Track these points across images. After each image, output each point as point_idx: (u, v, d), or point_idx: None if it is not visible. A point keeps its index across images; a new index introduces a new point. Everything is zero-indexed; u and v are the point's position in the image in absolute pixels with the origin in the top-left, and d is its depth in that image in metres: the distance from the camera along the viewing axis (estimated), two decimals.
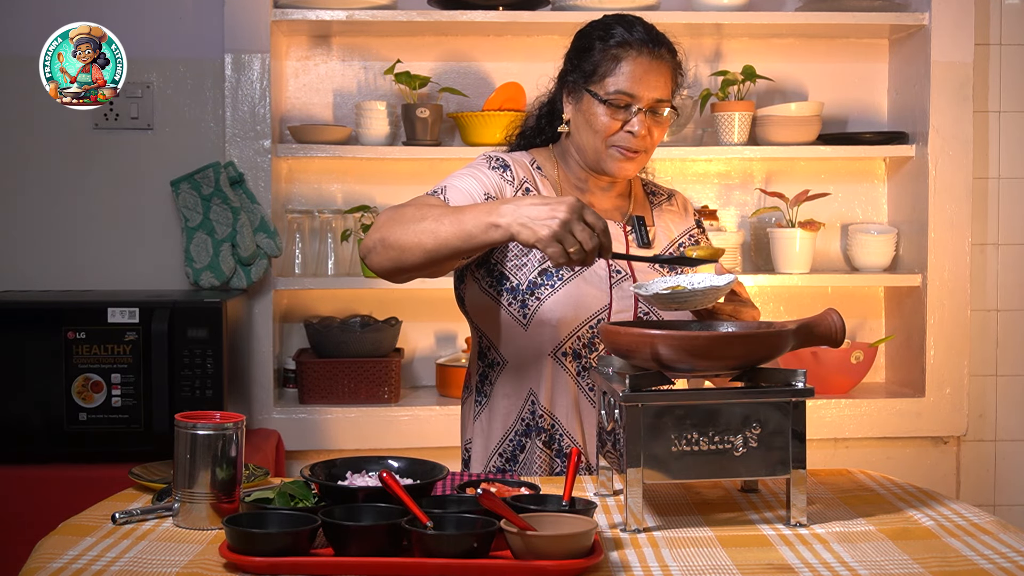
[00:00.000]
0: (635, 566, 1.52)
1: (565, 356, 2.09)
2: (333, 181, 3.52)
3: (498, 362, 2.15)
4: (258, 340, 3.28)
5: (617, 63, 2.08)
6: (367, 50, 3.52)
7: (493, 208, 1.82)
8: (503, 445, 2.14)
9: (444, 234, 1.86)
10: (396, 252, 1.92)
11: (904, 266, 3.52)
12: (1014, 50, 3.59)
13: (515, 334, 2.10)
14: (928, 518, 1.74)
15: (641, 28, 2.11)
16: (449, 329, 3.55)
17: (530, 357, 2.10)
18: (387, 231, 1.93)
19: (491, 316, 2.12)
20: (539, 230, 1.75)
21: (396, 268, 1.95)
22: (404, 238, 1.90)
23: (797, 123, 3.41)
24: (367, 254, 1.98)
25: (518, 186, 2.13)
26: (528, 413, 2.12)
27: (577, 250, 1.75)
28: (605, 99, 2.08)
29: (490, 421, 2.16)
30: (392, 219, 1.95)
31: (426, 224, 1.88)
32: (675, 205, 2.31)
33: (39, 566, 1.51)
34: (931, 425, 3.43)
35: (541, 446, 2.12)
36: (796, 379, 1.72)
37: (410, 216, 1.93)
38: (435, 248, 1.88)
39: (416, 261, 1.91)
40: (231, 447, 1.67)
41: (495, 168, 2.14)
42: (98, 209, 3.39)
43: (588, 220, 1.76)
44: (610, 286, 2.11)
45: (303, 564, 1.48)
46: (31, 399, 2.83)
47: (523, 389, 2.12)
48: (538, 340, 2.09)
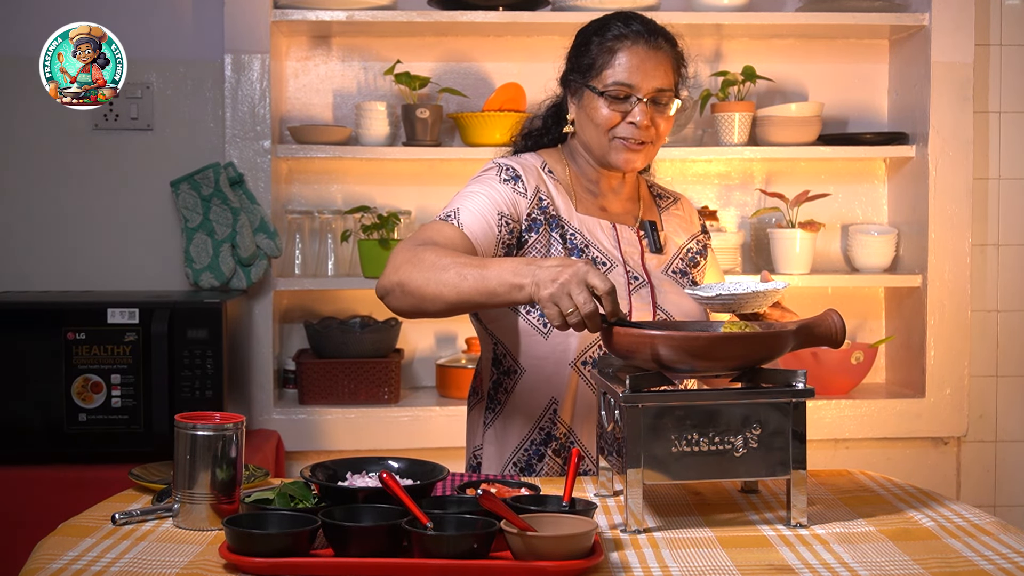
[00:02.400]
0: (635, 567, 1.52)
1: (585, 365, 2.07)
2: (333, 182, 3.52)
3: (515, 370, 2.11)
4: (258, 341, 3.28)
5: (613, 55, 2.07)
6: (367, 50, 3.52)
7: (517, 269, 1.80)
8: (518, 454, 2.12)
9: (467, 290, 1.84)
10: (416, 300, 1.90)
11: (904, 267, 3.52)
12: (1014, 50, 3.59)
13: (534, 343, 2.08)
14: (928, 519, 1.74)
15: (638, 22, 2.11)
16: (449, 330, 3.55)
17: (550, 366, 2.08)
18: (406, 276, 1.90)
19: (508, 324, 2.10)
20: (541, 291, 1.74)
21: (415, 313, 1.94)
22: (426, 289, 1.88)
23: (797, 123, 3.41)
24: (385, 295, 1.96)
25: (531, 197, 2.10)
26: (548, 422, 2.10)
27: (573, 313, 1.71)
28: (604, 91, 2.07)
29: (504, 429, 2.14)
30: (411, 263, 1.91)
31: (448, 276, 1.86)
32: (682, 210, 2.30)
33: (39, 566, 1.51)
34: (931, 426, 3.43)
35: (551, 455, 2.11)
36: (796, 380, 1.72)
37: (431, 263, 1.89)
38: (456, 302, 1.87)
39: (436, 311, 1.91)
40: (231, 448, 1.67)
41: (506, 180, 2.10)
42: (98, 209, 3.39)
43: (591, 283, 1.71)
44: (629, 293, 2.10)
45: (303, 565, 1.48)
46: (31, 400, 2.83)
47: (543, 398, 2.10)
48: (560, 349, 2.06)
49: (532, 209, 2.09)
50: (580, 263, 1.73)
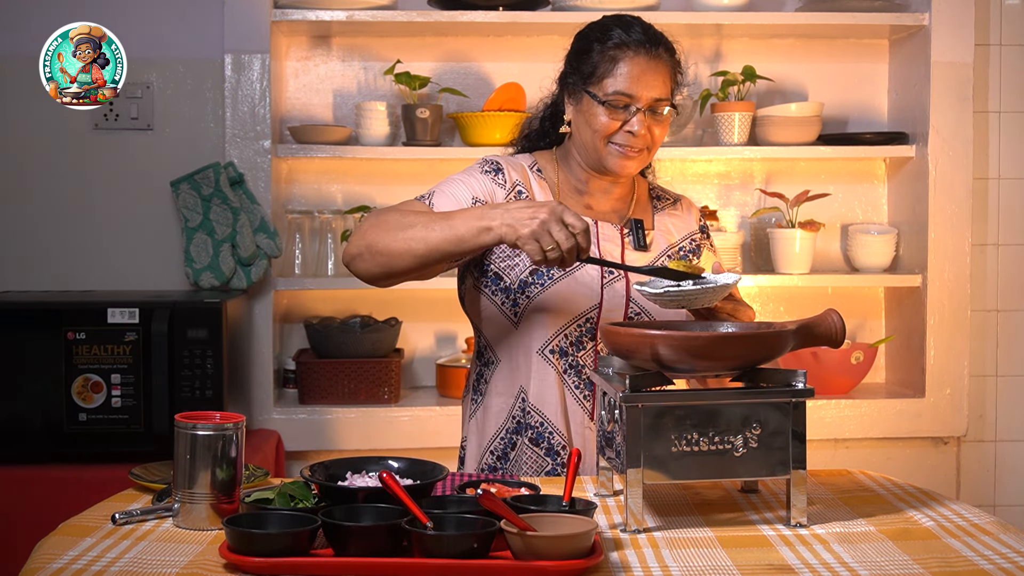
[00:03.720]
0: (635, 566, 1.52)
1: (552, 354, 2.11)
2: (333, 181, 3.52)
3: (493, 360, 2.17)
4: (258, 340, 3.28)
5: (615, 64, 2.09)
6: (367, 50, 3.52)
7: (484, 212, 1.90)
8: (494, 443, 2.16)
9: (435, 239, 1.93)
10: (384, 258, 1.98)
11: (904, 266, 3.52)
12: (1014, 50, 3.59)
13: (507, 332, 2.13)
14: (928, 518, 1.74)
15: (639, 28, 2.12)
16: (449, 329, 3.55)
17: (520, 355, 2.13)
18: (373, 237, 1.98)
19: (487, 315, 2.15)
20: (520, 229, 1.84)
21: (384, 274, 2.01)
22: (393, 244, 1.96)
23: (797, 123, 3.41)
24: (352, 260, 2.03)
25: (510, 189, 2.15)
26: (519, 411, 2.14)
27: (554, 248, 1.83)
28: (604, 100, 2.09)
29: (484, 419, 2.18)
30: (377, 225, 1.99)
31: (415, 231, 1.94)
32: (679, 209, 2.31)
33: (39, 566, 1.51)
34: (931, 425, 3.43)
35: (528, 444, 2.13)
36: (796, 379, 1.72)
37: (396, 223, 1.97)
38: (426, 253, 1.94)
39: (406, 266, 1.98)
40: (231, 447, 1.67)
41: (487, 172, 2.16)
42: (98, 209, 3.39)
43: (567, 221, 1.84)
44: (601, 286, 2.12)
45: (303, 564, 1.48)
46: (31, 399, 2.83)
47: (514, 387, 2.14)
48: (527, 338, 2.11)
49: (509, 200, 2.12)
50: (553, 203, 1.86)
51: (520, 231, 1.84)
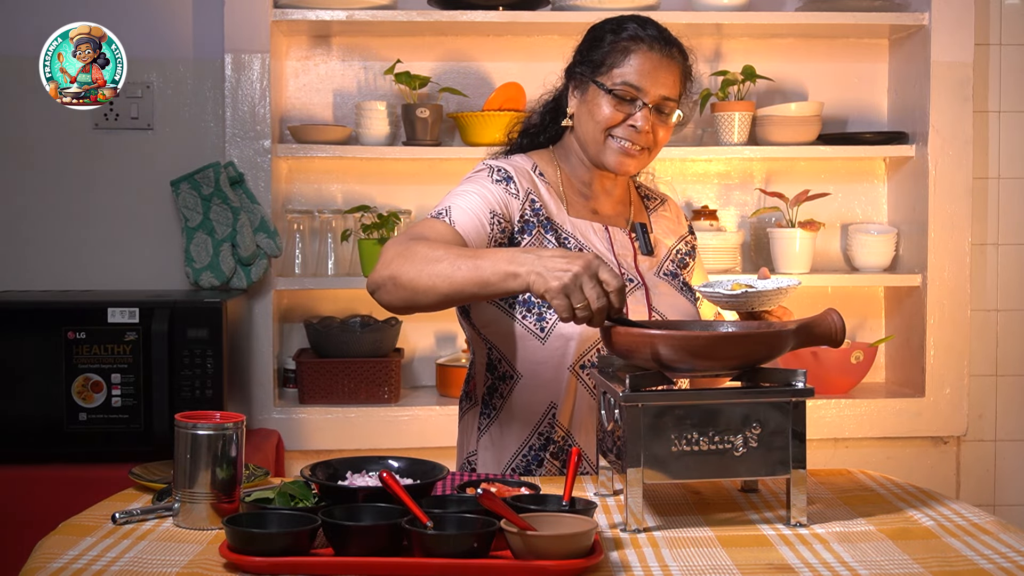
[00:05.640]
0: (635, 566, 1.52)
1: (584, 369, 2.07)
2: (333, 181, 3.52)
3: (511, 375, 2.10)
4: (258, 340, 3.28)
5: (626, 55, 2.07)
6: (367, 50, 3.52)
7: (513, 256, 1.77)
8: (516, 459, 2.11)
9: (460, 280, 1.81)
10: (408, 293, 1.87)
11: (904, 266, 3.52)
12: (1014, 50, 3.59)
13: (532, 347, 2.06)
14: (928, 518, 1.74)
15: (654, 27, 2.11)
16: (449, 329, 3.55)
17: (549, 371, 2.07)
18: (398, 269, 1.87)
19: (504, 329, 2.09)
20: (550, 280, 1.69)
21: (407, 307, 1.91)
22: (418, 281, 1.85)
23: (797, 123, 3.41)
24: (376, 290, 1.93)
25: (523, 198, 2.10)
26: (547, 427, 2.09)
27: (583, 307, 1.68)
28: (611, 89, 2.07)
29: (501, 435, 2.12)
30: (403, 256, 1.88)
31: (441, 267, 1.83)
32: (669, 211, 2.30)
33: (39, 566, 1.51)
34: (931, 425, 3.43)
35: (549, 458, 2.10)
36: (796, 379, 1.72)
37: (423, 256, 1.86)
38: (450, 293, 1.83)
39: (429, 303, 1.87)
40: (231, 447, 1.67)
41: (498, 181, 2.09)
42: (98, 209, 3.39)
43: (602, 277, 1.70)
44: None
45: (303, 564, 1.48)
46: (31, 399, 2.83)
47: (542, 403, 2.09)
48: (559, 354, 2.05)
49: (524, 211, 2.09)
50: (590, 256, 1.71)
51: (550, 283, 1.69)
